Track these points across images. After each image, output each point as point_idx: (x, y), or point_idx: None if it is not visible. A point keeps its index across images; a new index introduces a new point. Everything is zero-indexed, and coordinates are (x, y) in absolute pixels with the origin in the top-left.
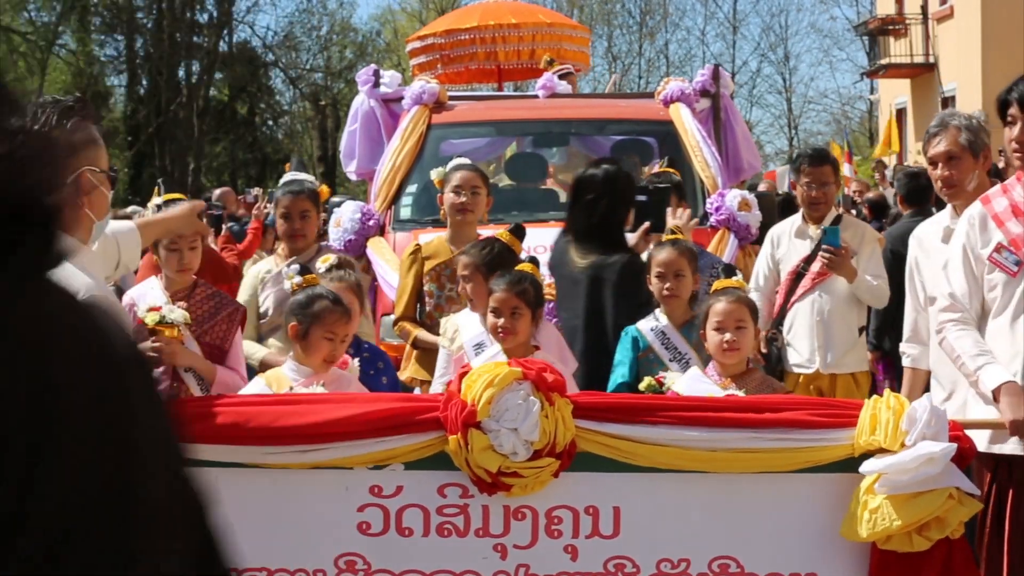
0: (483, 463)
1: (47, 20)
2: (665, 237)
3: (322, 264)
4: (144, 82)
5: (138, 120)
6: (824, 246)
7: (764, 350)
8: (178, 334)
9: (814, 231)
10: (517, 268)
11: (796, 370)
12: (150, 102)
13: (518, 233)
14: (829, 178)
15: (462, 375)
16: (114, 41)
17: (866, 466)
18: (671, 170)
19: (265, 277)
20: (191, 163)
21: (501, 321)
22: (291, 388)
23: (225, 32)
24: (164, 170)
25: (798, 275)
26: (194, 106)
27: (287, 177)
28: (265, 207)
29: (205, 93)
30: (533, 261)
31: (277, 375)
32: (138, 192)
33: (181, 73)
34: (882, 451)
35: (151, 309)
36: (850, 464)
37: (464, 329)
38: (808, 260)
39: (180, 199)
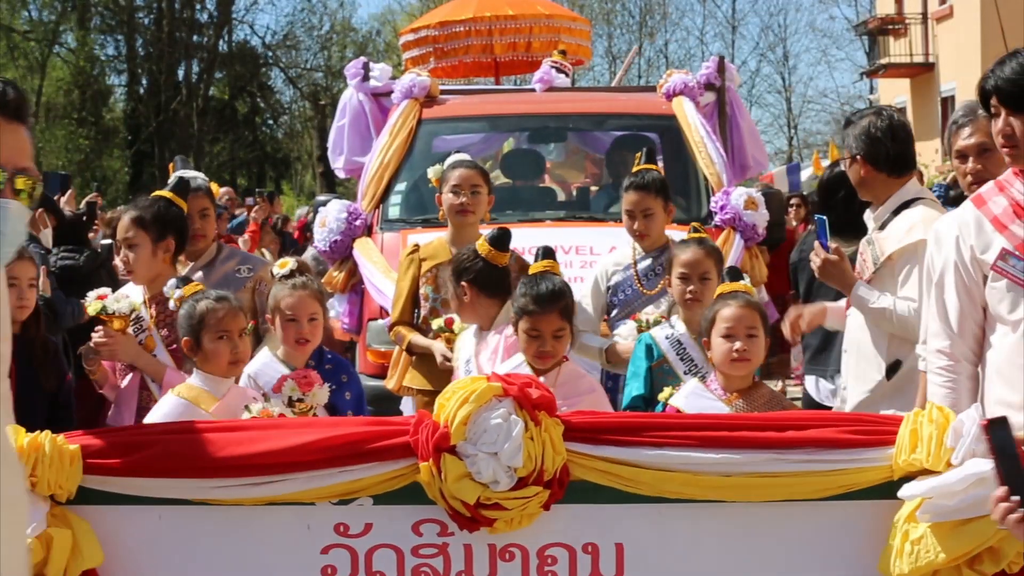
0: (459, 493)
1: (47, 19)
2: (689, 235)
3: (279, 269)
4: (144, 81)
5: (138, 119)
6: (816, 243)
7: None
8: (124, 327)
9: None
10: (541, 270)
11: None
12: (150, 101)
13: (499, 243)
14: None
15: None
16: (114, 40)
17: (906, 490)
18: (653, 166)
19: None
20: (191, 162)
21: (544, 347)
22: (248, 408)
23: (225, 31)
24: (164, 169)
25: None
26: (194, 105)
27: (177, 175)
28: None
29: (205, 92)
30: (550, 255)
31: (193, 390)
32: (138, 192)
33: (181, 72)
34: (925, 472)
35: (98, 297)
36: (889, 489)
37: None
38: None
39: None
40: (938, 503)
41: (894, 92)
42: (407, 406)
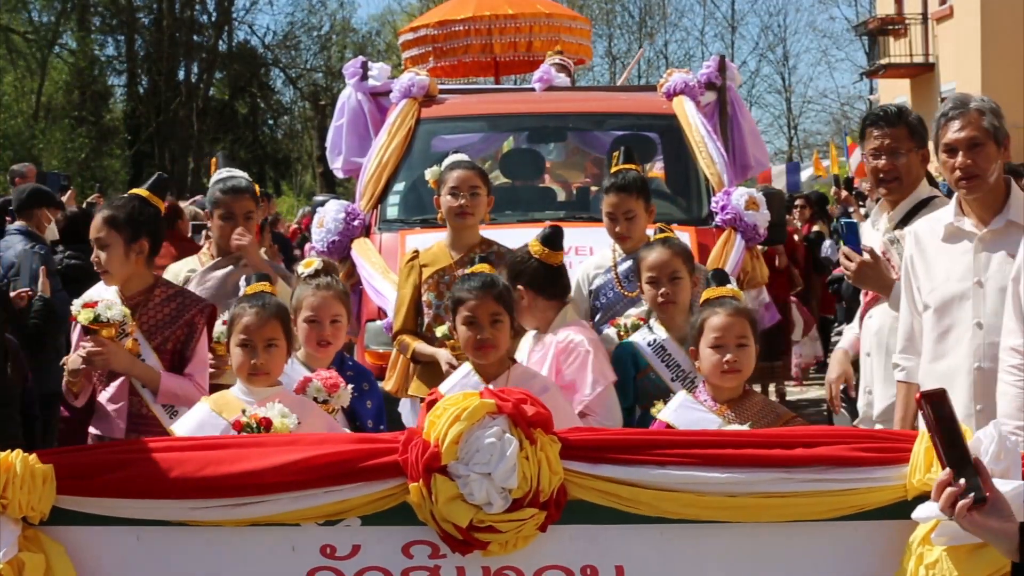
0: (451, 516)
1: (47, 20)
2: (655, 235)
3: (304, 268)
4: (144, 82)
5: (138, 120)
6: (843, 249)
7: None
8: (114, 335)
9: (886, 220)
10: (476, 270)
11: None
12: (150, 102)
13: (552, 242)
14: (902, 146)
15: (429, 404)
16: (114, 41)
17: (920, 511)
18: (632, 166)
19: (189, 276)
20: (191, 163)
21: (481, 334)
22: (244, 411)
23: (225, 31)
24: (164, 169)
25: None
26: (194, 106)
27: (222, 174)
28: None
29: (205, 93)
30: (486, 260)
31: (225, 398)
32: None
33: (181, 73)
34: None
35: (85, 306)
36: (902, 509)
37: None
38: None
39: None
40: (954, 525)
41: (894, 92)
42: (405, 408)
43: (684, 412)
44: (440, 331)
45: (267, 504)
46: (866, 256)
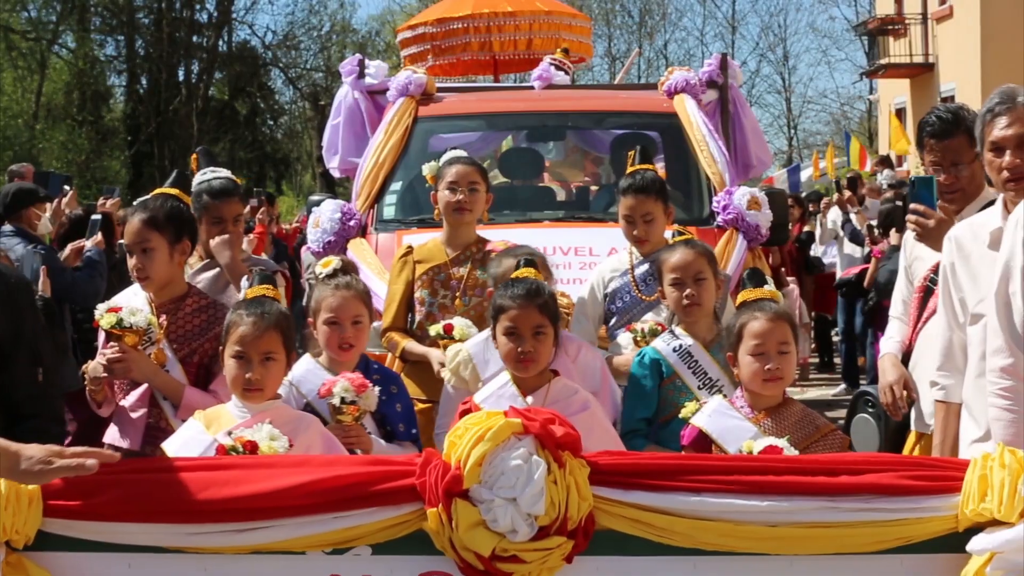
0: (472, 544)
1: (47, 20)
2: (674, 238)
3: (322, 268)
4: (144, 82)
5: (138, 120)
6: (912, 205)
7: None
8: (137, 342)
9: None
10: (520, 274)
11: (915, 427)
12: (150, 102)
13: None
14: (962, 157)
15: (463, 414)
16: (114, 41)
17: (975, 543)
18: (649, 166)
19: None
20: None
21: (523, 346)
22: (229, 433)
23: (225, 31)
24: (164, 169)
25: (927, 291)
26: (194, 105)
27: (206, 174)
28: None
29: (205, 93)
30: (531, 264)
31: (217, 412)
32: (138, 192)
33: (181, 73)
34: (995, 523)
35: (109, 310)
36: (953, 542)
37: (485, 360)
38: (937, 268)
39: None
40: (1011, 558)
41: (894, 92)
42: None
43: (719, 419)
44: (434, 330)
45: (270, 530)
46: (941, 215)
